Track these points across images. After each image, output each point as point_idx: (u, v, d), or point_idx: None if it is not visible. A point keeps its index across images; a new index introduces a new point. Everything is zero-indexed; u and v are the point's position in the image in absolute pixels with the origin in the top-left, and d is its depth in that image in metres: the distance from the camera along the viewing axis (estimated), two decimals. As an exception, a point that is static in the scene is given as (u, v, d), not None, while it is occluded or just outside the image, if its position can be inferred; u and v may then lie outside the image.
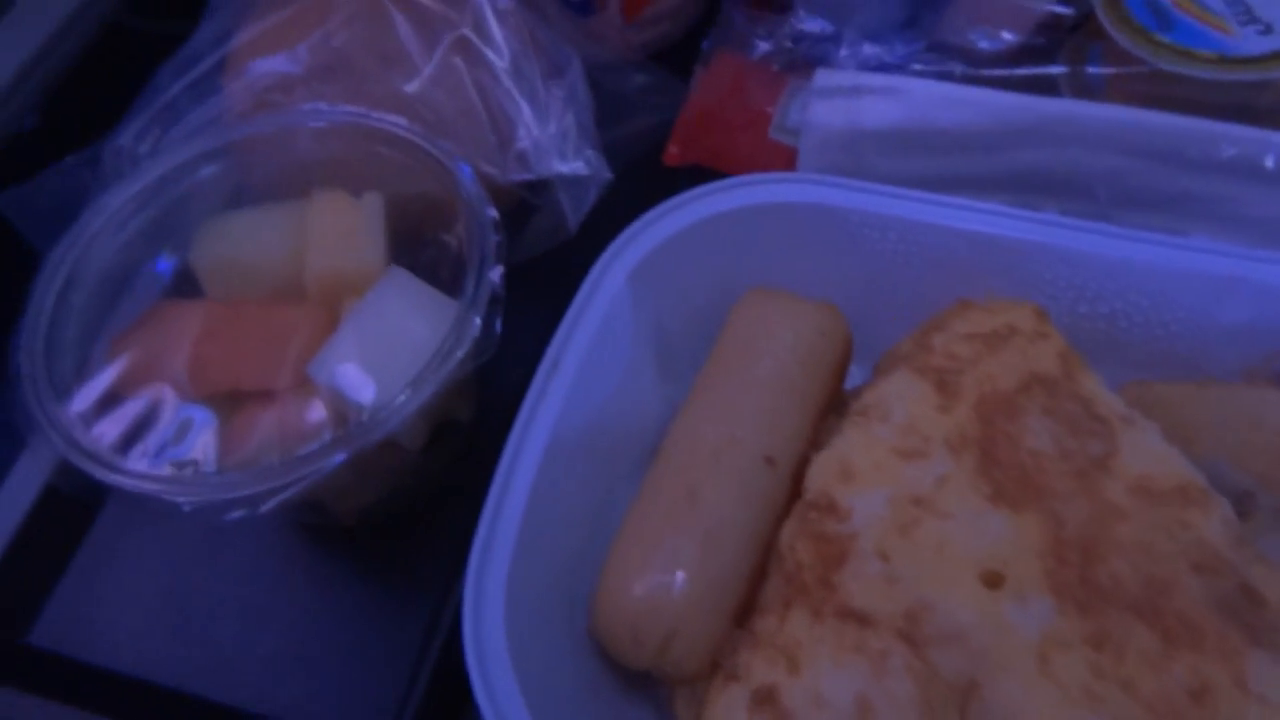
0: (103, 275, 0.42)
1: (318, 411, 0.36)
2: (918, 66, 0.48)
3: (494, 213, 0.38)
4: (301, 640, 0.43)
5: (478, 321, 0.36)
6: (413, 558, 0.45)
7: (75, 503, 0.43)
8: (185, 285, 0.43)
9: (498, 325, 0.36)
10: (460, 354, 0.35)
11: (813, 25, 0.46)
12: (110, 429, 0.36)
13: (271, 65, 0.47)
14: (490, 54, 0.45)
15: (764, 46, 0.47)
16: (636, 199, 0.49)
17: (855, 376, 0.42)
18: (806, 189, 0.41)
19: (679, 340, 0.43)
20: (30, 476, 0.46)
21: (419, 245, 0.44)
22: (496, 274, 0.37)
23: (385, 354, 0.36)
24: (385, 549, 0.45)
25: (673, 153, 0.55)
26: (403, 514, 0.45)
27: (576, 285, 0.50)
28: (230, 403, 0.39)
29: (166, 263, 0.44)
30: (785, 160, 0.51)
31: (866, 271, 0.42)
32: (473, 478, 0.36)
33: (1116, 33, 0.42)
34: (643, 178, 0.51)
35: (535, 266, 0.44)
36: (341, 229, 0.43)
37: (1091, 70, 0.45)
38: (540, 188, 0.47)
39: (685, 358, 0.43)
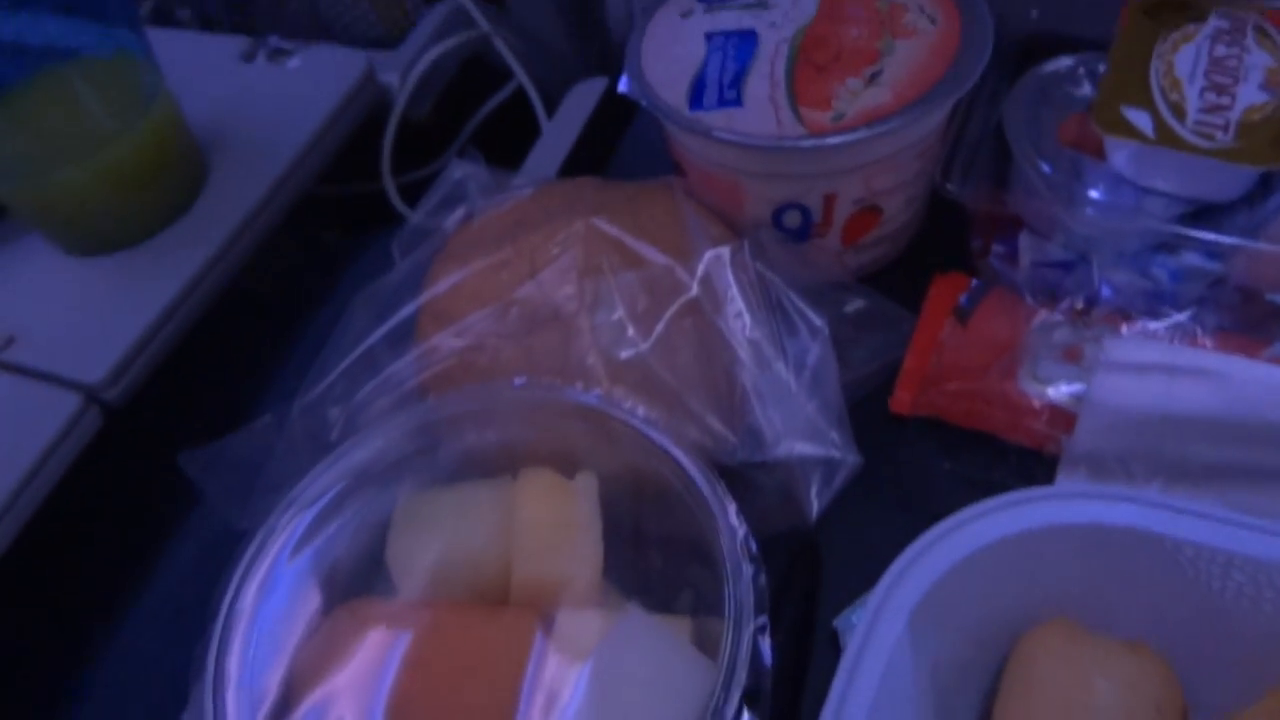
0: (294, 571, 0.38)
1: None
2: (1206, 340, 0.41)
3: (754, 544, 0.32)
4: None
5: (739, 699, 0.29)
6: None
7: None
8: (374, 574, 0.39)
9: (768, 709, 0.29)
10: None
11: (1107, 292, 0.39)
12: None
13: (474, 320, 0.43)
14: (724, 319, 0.40)
15: (1045, 315, 0.41)
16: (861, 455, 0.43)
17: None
18: (1123, 510, 0.34)
19: (956, 678, 0.35)
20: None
21: (635, 533, 0.39)
22: (765, 640, 0.30)
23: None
24: None
25: (902, 399, 0.48)
26: None
27: (802, 567, 0.44)
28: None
29: (354, 547, 0.40)
30: (1046, 424, 0.43)
31: (1193, 611, 0.34)
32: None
33: None
34: (865, 424, 0.45)
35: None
36: (552, 520, 0.38)
37: None
38: (770, 465, 0.41)
39: (962, 697, 0.36)
